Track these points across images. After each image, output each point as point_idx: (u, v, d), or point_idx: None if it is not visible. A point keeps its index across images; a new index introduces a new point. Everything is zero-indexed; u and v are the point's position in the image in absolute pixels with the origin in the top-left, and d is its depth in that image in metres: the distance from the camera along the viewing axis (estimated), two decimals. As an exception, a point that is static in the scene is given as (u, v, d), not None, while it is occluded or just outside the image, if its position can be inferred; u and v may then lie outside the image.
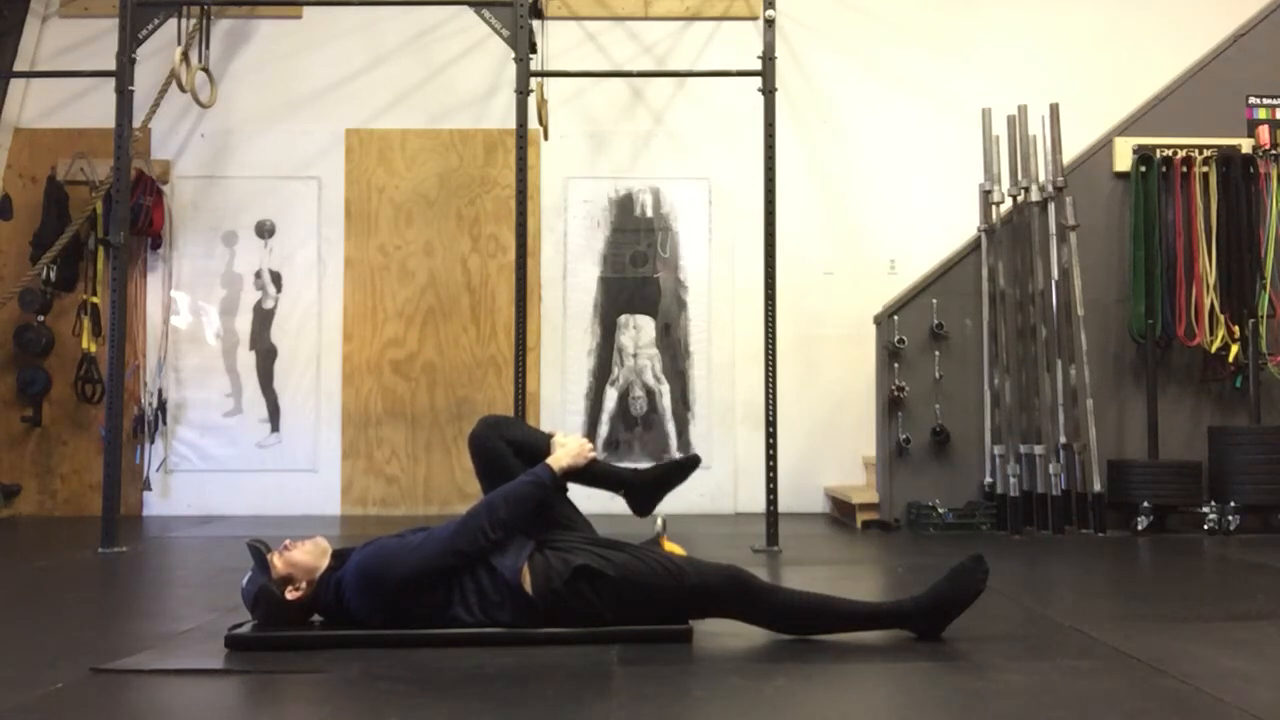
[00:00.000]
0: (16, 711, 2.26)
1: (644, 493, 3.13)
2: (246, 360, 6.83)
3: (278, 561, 2.85)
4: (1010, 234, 5.90)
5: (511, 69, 5.32)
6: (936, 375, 5.88)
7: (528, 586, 2.79)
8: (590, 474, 3.04)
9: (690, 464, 3.20)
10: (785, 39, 6.65)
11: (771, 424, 5.04)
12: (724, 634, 2.92)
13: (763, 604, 2.87)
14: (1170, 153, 5.86)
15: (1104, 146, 5.97)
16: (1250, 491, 5.46)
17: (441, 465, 6.73)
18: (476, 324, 6.81)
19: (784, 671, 2.61)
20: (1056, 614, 3.34)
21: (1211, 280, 5.76)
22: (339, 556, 2.89)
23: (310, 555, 2.87)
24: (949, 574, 2.87)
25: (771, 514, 4.99)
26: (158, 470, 6.70)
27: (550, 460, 2.95)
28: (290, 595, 2.83)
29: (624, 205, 6.88)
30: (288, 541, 2.90)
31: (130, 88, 5.28)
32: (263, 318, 6.85)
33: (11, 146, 6.80)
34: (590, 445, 3.03)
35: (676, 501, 3.18)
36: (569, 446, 2.99)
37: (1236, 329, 5.71)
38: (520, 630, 2.80)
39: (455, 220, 6.85)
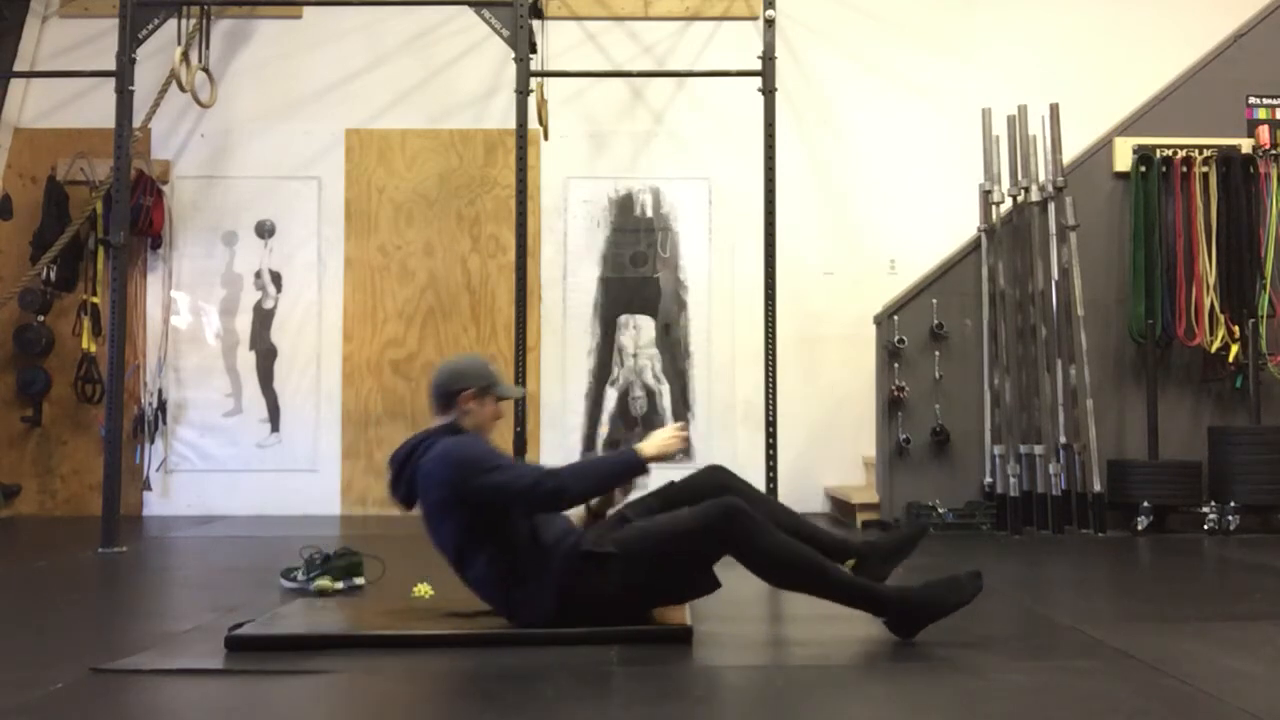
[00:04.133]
0: (16, 711, 2.26)
1: None
2: (246, 360, 6.83)
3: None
4: (1010, 234, 5.90)
5: (511, 69, 5.33)
6: (936, 375, 5.88)
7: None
8: None
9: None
10: (785, 39, 6.65)
11: (771, 424, 5.04)
12: (724, 634, 2.92)
13: (756, 542, 2.77)
14: (1170, 153, 5.86)
15: (1104, 146, 5.96)
16: (1250, 491, 5.45)
17: (441, 465, 6.71)
18: (476, 324, 6.81)
19: (784, 672, 2.61)
20: (1056, 614, 3.34)
21: (1211, 280, 5.76)
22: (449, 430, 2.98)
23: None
24: (945, 579, 2.83)
25: (771, 514, 4.97)
26: (158, 470, 6.70)
27: (640, 445, 2.94)
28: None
29: (624, 205, 6.87)
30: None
31: (130, 88, 5.28)
32: (263, 318, 6.85)
33: (11, 146, 6.79)
34: (679, 433, 2.97)
35: (676, 501, 3.19)
36: (654, 436, 2.97)
37: (1236, 329, 5.71)
38: (520, 630, 2.81)
39: (455, 220, 6.85)
